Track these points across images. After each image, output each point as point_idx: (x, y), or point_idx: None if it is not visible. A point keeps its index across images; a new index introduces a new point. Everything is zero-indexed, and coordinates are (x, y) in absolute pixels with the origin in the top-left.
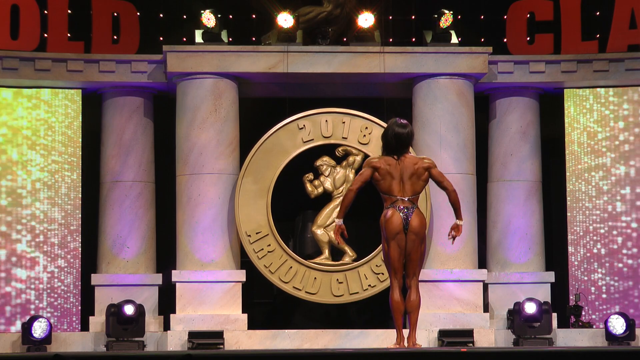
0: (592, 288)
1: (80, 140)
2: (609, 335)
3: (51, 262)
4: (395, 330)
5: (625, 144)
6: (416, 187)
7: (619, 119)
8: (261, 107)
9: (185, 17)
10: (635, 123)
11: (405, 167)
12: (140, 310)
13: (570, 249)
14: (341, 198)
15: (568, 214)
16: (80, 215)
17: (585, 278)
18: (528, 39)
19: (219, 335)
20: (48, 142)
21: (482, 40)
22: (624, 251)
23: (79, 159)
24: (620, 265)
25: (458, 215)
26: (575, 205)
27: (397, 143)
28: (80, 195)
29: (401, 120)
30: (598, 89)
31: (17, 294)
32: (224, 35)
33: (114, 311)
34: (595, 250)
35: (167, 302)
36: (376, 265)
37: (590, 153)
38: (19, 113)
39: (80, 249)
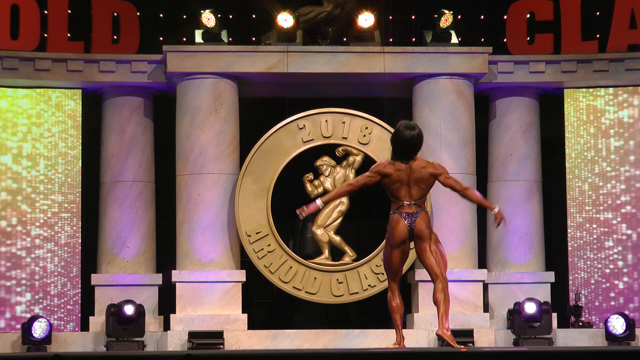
0: (592, 288)
1: (80, 140)
2: (609, 335)
3: (51, 261)
4: (395, 330)
5: (625, 143)
6: (423, 191)
7: (619, 119)
8: (261, 107)
9: (185, 17)
10: (636, 123)
11: (414, 172)
12: (140, 310)
13: (570, 249)
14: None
15: (568, 214)
16: (80, 215)
17: (586, 278)
18: (528, 39)
19: (219, 335)
20: (48, 141)
21: (482, 40)
22: (625, 251)
23: (79, 159)
24: (621, 264)
25: (486, 206)
26: (575, 205)
27: (408, 146)
28: (80, 195)
29: (410, 122)
30: (598, 89)
31: (17, 294)
32: (224, 35)
33: (114, 311)
34: (595, 250)
35: (167, 302)
36: (376, 266)
37: (591, 153)
38: (19, 113)
39: (80, 249)
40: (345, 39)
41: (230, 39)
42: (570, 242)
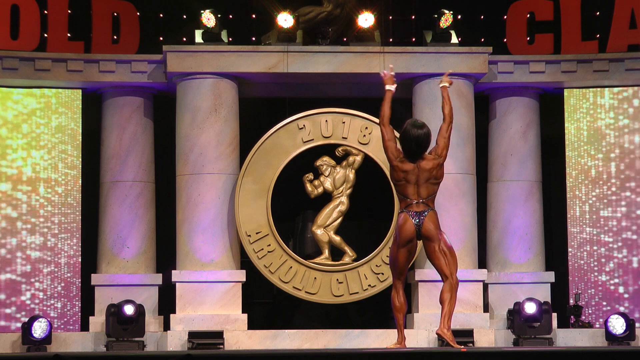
0: (592, 288)
1: (80, 140)
2: (609, 335)
3: (51, 261)
4: (396, 330)
5: (625, 143)
6: (431, 189)
7: (619, 119)
8: (261, 107)
9: (185, 17)
10: (635, 123)
11: (422, 172)
12: (140, 310)
13: (570, 249)
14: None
15: (568, 214)
16: (80, 215)
17: (586, 278)
18: (528, 39)
19: (219, 335)
20: (48, 141)
21: (482, 40)
22: (624, 251)
23: (79, 159)
24: (621, 264)
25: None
26: (575, 205)
27: (415, 145)
28: (80, 195)
29: (418, 121)
30: (598, 89)
31: (17, 293)
32: (224, 35)
33: (114, 311)
34: (595, 250)
35: (167, 302)
36: (376, 265)
37: (591, 153)
38: (19, 113)
39: (80, 249)
40: (345, 39)
41: (230, 39)
42: (570, 241)
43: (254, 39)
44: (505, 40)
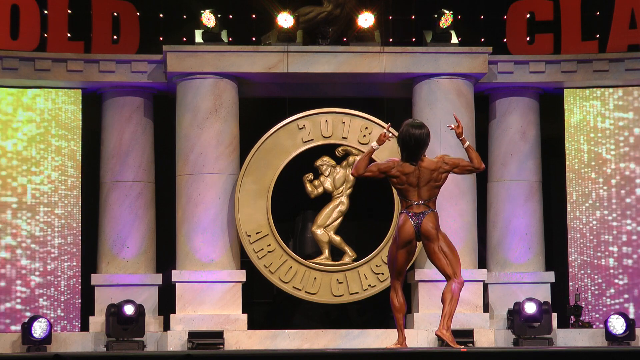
0: (592, 288)
1: (80, 140)
2: (609, 335)
3: (51, 261)
4: (396, 330)
5: (625, 143)
6: (432, 191)
7: (619, 119)
8: (261, 107)
9: (185, 17)
10: (635, 123)
11: (423, 174)
12: (140, 310)
13: (570, 249)
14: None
15: (568, 214)
16: (80, 215)
17: (586, 278)
18: (528, 39)
19: (219, 335)
20: (48, 141)
21: (482, 40)
22: (624, 250)
23: (79, 159)
24: (621, 264)
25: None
26: (575, 205)
27: (414, 145)
28: (80, 195)
29: (416, 121)
30: (598, 89)
31: (17, 293)
32: (224, 35)
33: (114, 311)
34: (595, 250)
35: (167, 302)
36: (376, 265)
37: (590, 153)
38: (19, 113)
39: (80, 249)
40: (345, 39)
41: (230, 39)
42: (570, 241)
43: (254, 39)
44: (505, 40)
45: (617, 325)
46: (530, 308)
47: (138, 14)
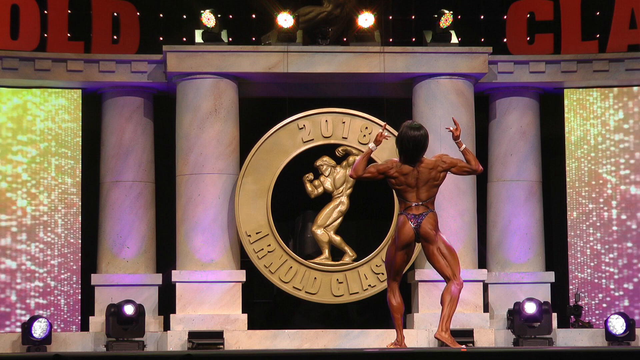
0: (592, 288)
1: (80, 140)
2: (609, 335)
3: (51, 261)
4: (395, 329)
5: (625, 143)
6: (431, 192)
7: (619, 119)
8: (261, 107)
9: (185, 17)
10: (635, 123)
11: (421, 175)
12: (140, 310)
13: (570, 249)
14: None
15: (568, 214)
16: (80, 216)
17: (587, 278)
18: (528, 39)
19: (219, 335)
20: (48, 142)
21: (482, 40)
22: (624, 250)
23: (79, 159)
24: (621, 264)
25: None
26: (575, 204)
27: (413, 147)
28: (80, 195)
29: (415, 123)
30: (598, 89)
31: (17, 293)
32: (224, 35)
33: (114, 311)
34: (595, 250)
35: (167, 302)
36: (376, 265)
37: (590, 153)
38: (19, 113)
39: (80, 249)
40: (345, 39)
41: (230, 39)
42: (570, 241)
43: (254, 39)
44: (505, 40)
45: (617, 325)
46: (530, 308)
47: (138, 14)
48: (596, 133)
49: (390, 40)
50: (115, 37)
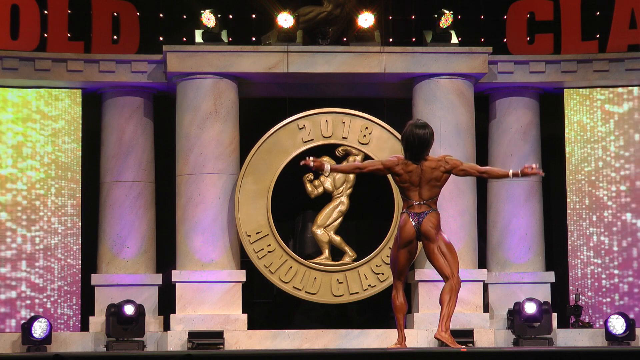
0: (592, 288)
1: (80, 140)
2: (609, 335)
3: (51, 261)
4: (396, 330)
5: (625, 143)
6: (433, 191)
7: (619, 119)
8: (261, 107)
9: (185, 17)
10: (635, 123)
11: (425, 173)
12: (140, 310)
13: (570, 249)
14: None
15: (568, 214)
16: (80, 215)
17: (587, 278)
18: (528, 39)
19: (219, 335)
20: (48, 142)
21: (482, 40)
22: (624, 250)
23: (79, 159)
24: (621, 264)
25: (514, 174)
26: (576, 205)
27: (418, 145)
28: (80, 195)
29: (420, 121)
30: (598, 89)
31: (17, 293)
32: (224, 35)
33: (114, 311)
34: (595, 250)
35: (167, 302)
36: (376, 266)
37: (590, 152)
38: (19, 113)
39: (80, 249)
40: (345, 39)
41: (230, 39)
42: (570, 241)
43: (254, 39)
44: (505, 40)
45: (617, 325)
46: (530, 308)
47: (138, 14)
48: (596, 134)
49: (390, 40)
50: (115, 37)
